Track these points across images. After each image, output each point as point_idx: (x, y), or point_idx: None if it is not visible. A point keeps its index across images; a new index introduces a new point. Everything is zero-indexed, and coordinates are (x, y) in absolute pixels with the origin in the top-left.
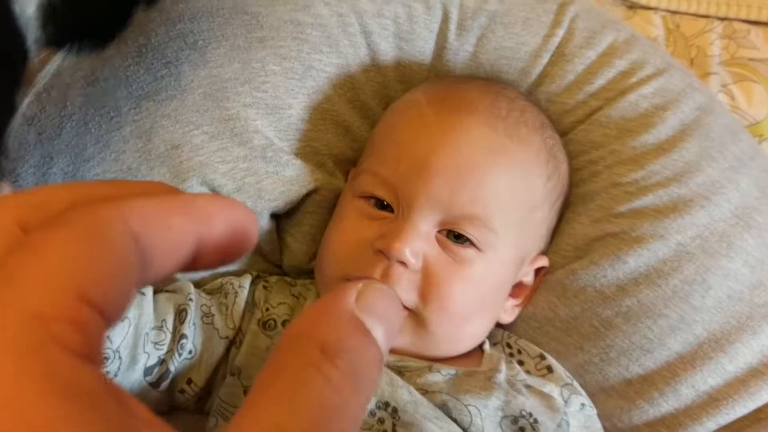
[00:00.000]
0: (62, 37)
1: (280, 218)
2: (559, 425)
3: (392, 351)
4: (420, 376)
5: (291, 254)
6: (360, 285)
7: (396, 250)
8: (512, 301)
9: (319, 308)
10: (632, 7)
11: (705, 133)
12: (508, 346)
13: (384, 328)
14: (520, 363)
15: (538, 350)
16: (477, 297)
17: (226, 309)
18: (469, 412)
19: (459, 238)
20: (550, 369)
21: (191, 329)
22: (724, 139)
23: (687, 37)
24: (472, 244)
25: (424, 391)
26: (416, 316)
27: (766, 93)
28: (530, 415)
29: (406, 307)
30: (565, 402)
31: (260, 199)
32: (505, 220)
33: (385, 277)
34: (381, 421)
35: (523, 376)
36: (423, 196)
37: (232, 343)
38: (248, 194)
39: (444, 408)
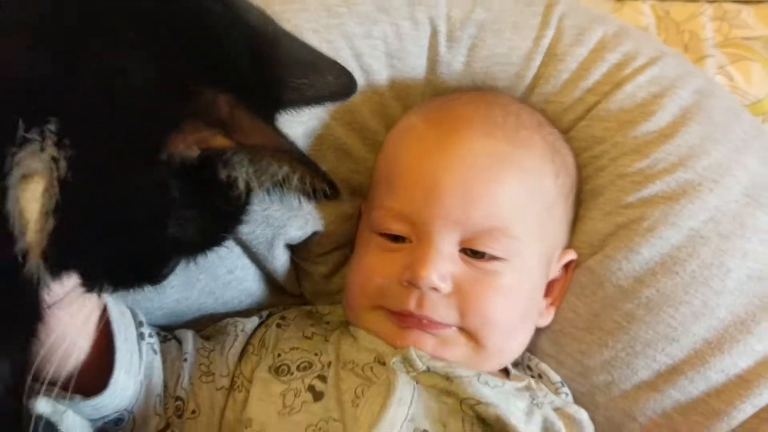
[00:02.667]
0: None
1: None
2: None
3: (444, 360)
4: (471, 385)
5: (310, 279)
6: None
7: (424, 278)
8: (545, 301)
9: None
10: None
11: (706, 117)
12: (529, 368)
13: None
14: (547, 388)
15: (558, 377)
16: (516, 305)
17: (221, 355)
18: (518, 423)
19: (482, 254)
20: (567, 395)
21: (184, 392)
22: (727, 121)
23: (678, 22)
24: (496, 257)
25: (477, 402)
26: (466, 332)
27: (765, 70)
28: None
29: (451, 325)
30: None
31: (279, 233)
32: (525, 225)
33: (420, 308)
34: None
35: (552, 397)
36: (439, 219)
37: (231, 390)
38: (271, 226)
39: (498, 422)
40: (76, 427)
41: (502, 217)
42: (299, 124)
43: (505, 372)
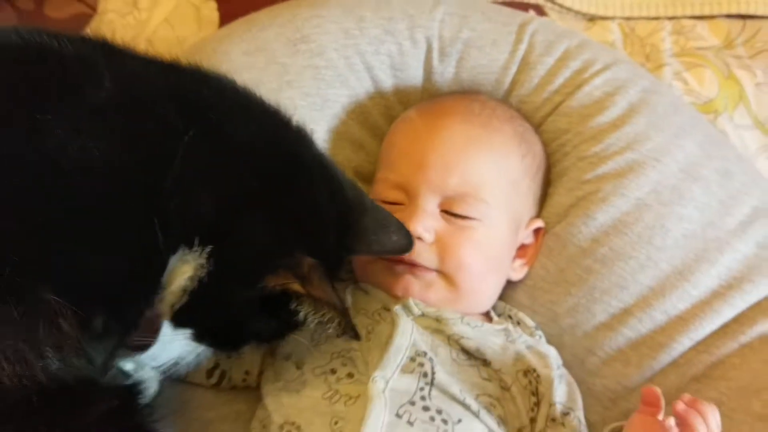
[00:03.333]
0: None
1: None
2: (560, 377)
3: (430, 304)
4: (455, 325)
5: None
6: None
7: (412, 230)
8: (519, 261)
9: None
10: (592, 19)
11: (650, 110)
12: (510, 317)
13: None
14: (522, 330)
15: (532, 323)
16: (485, 255)
17: None
18: (494, 355)
19: (458, 214)
20: (540, 336)
21: None
22: (668, 113)
23: (642, 37)
24: (469, 217)
25: (460, 337)
26: (444, 276)
27: (715, 76)
28: (534, 370)
29: (433, 269)
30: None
31: None
32: (493, 193)
33: (410, 255)
34: (421, 365)
35: (525, 338)
36: (423, 185)
37: None
38: None
39: (477, 352)
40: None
41: (473, 185)
42: (324, 123)
43: (489, 318)
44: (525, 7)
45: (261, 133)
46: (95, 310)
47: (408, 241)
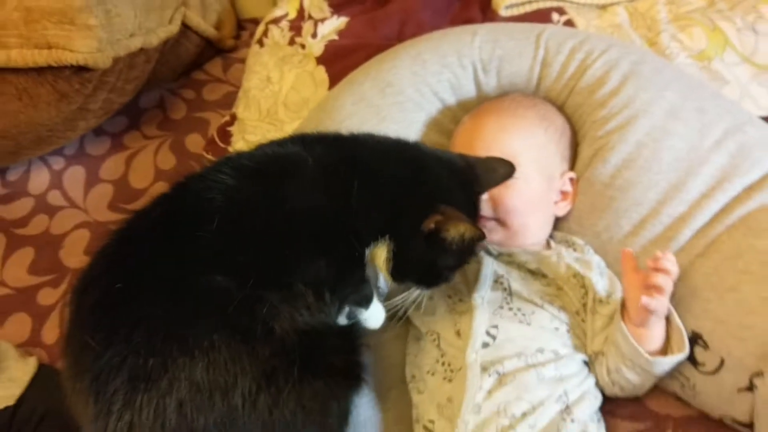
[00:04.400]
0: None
1: None
2: (600, 274)
3: (495, 244)
4: (520, 256)
5: None
6: None
7: None
8: (563, 203)
9: None
10: (602, 6)
11: (638, 76)
12: (566, 241)
13: None
14: (574, 248)
15: (581, 241)
16: (526, 200)
17: None
18: (549, 269)
19: None
20: (589, 251)
21: None
22: (652, 76)
23: (642, 13)
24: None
25: (524, 262)
26: (499, 221)
27: (703, 31)
28: (579, 273)
29: (491, 218)
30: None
31: None
32: (524, 158)
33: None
34: (501, 283)
35: (573, 254)
36: None
37: None
38: None
39: (538, 270)
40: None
41: (508, 156)
42: (413, 137)
43: (548, 245)
44: (549, 10)
45: (393, 159)
46: (324, 289)
47: (510, 166)
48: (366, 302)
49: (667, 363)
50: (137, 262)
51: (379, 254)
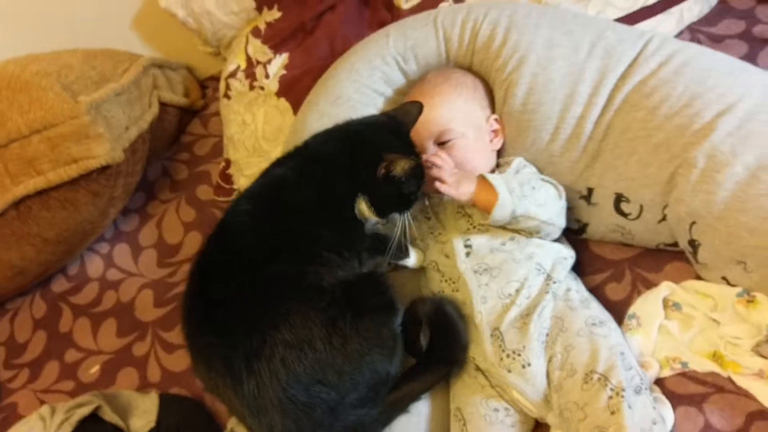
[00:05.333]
0: None
1: None
2: (523, 165)
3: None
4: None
5: None
6: None
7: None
8: (496, 139)
9: None
10: None
11: (516, 26)
12: (506, 163)
13: None
14: (508, 165)
15: (512, 157)
16: (469, 149)
17: None
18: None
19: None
20: (519, 161)
21: None
22: (526, 22)
23: None
24: (449, 140)
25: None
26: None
27: None
28: (506, 167)
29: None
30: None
31: None
32: (453, 122)
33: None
34: (463, 213)
35: (508, 168)
36: (423, 141)
37: None
38: None
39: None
40: None
41: (441, 125)
42: None
43: (497, 167)
44: None
45: (337, 140)
46: (342, 250)
47: (419, 105)
48: (380, 251)
49: (497, 212)
50: (215, 278)
51: (363, 207)
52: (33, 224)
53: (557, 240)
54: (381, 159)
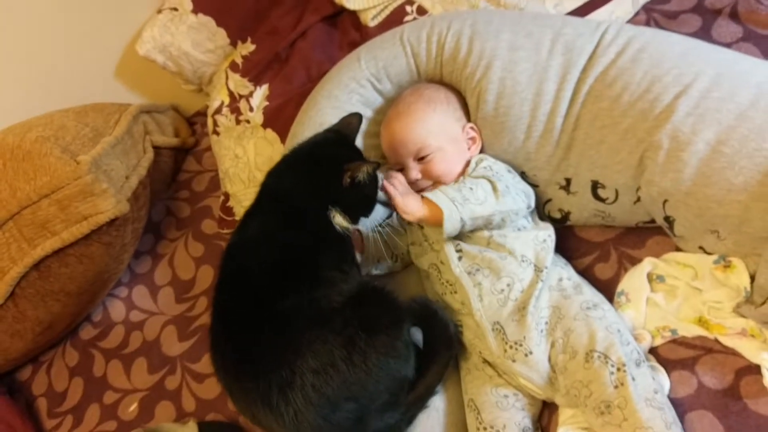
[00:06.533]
0: None
1: None
2: (496, 163)
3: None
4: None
5: None
6: None
7: (410, 179)
8: (474, 146)
9: None
10: None
11: (478, 34)
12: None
13: None
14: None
15: (486, 156)
16: (446, 162)
17: None
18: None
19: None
20: (492, 158)
21: None
22: (488, 29)
23: None
24: (427, 155)
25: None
26: (435, 183)
27: None
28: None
29: (429, 185)
30: None
31: None
32: (430, 137)
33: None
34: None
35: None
36: (402, 159)
37: None
38: None
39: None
40: None
41: (419, 142)
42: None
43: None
44: (402, 5)
45: (299, 165)
46: (340, 264)
47: (358, 115)
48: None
49: (448, 224)
50: (236, 325)
51: (338, 219)
52: (54, 281)
53: (530, 222)
54: (342, 170)
